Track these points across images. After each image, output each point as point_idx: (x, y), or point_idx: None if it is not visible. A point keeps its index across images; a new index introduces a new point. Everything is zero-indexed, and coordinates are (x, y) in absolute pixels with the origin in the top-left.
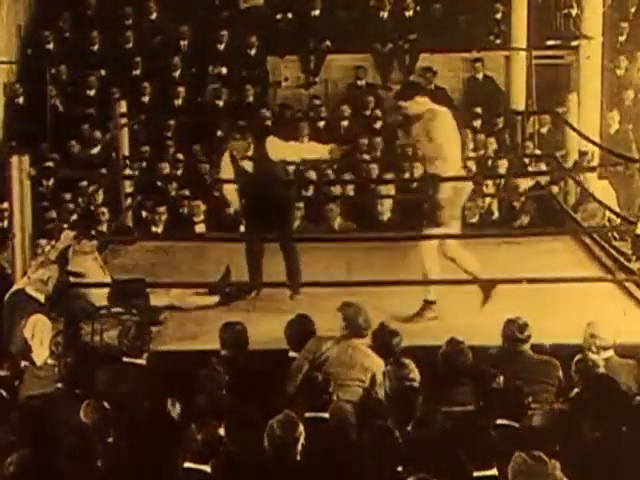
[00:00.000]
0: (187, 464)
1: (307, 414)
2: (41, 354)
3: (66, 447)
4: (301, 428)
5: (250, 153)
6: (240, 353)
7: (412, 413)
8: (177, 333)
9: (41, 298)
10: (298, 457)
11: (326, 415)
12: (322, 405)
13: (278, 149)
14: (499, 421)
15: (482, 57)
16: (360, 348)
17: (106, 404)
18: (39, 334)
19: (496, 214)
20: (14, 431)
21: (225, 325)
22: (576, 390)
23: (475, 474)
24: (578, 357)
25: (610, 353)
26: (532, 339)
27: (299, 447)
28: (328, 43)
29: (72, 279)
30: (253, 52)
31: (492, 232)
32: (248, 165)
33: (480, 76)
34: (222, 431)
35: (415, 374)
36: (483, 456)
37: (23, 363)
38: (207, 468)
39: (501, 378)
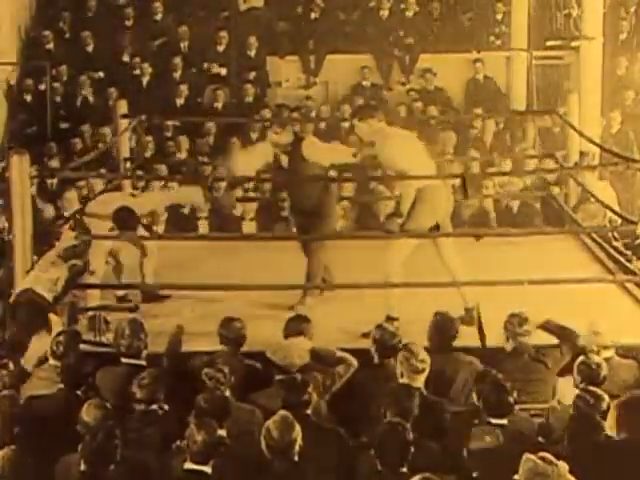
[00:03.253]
0: (187, 465)
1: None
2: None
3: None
4: (298, 429)
5: (289, 148)
6: (237, 350)
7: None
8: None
9: (50, 298)
10: (296, 458)
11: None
12: (303, 405)
13: (313, 151)
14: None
15: (482, 57)
16: None
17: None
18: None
19: (492, 214)
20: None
21: (224, 321)
22: (576, 392)
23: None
24: (581, 359)
25: (611, 353)
26: (532, 340)
27: (296, 448)
28: (328, 44)
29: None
30: (253, 53)
31: (492, 232)
32: (284, 160)
33: (480, 77)
34: (222, 431)
35: (425, 356)
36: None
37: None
38: (207, 469)
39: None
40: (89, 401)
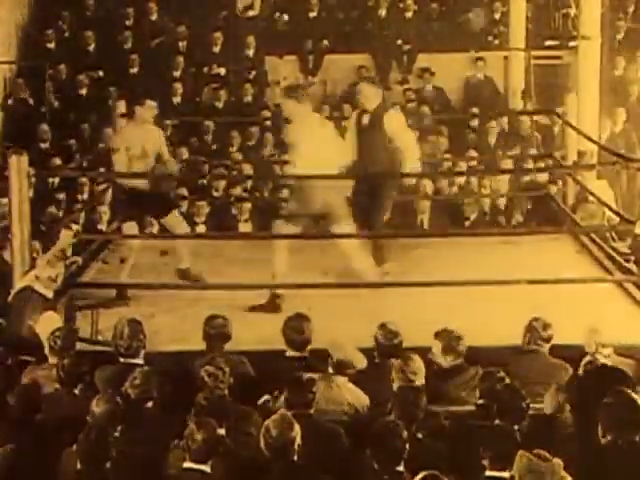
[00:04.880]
0: (187, 464)
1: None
2: None
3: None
4: (297, 428)
5: (373, 107)
6: (221, 347)
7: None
8: (173, 333)
9: (49, 295)
10: (295, 457)
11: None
12: (307, 403)
13: (394, 125)
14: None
15: (483, 56)
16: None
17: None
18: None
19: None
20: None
21: (208, 319)
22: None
23: (487, 473)
24: (587, 359)
25: (609, 351)
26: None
27: (296, 447)
28: (326, 43)
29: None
30: (251, 52)
31: (491, 232)
32: (366, 118)
33: (481, 75)
34: (222, 431)
35: (419, 368)
36: (500, 456)
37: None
38: (207, 468)
39: (507, 380)
40: (99, 394)
